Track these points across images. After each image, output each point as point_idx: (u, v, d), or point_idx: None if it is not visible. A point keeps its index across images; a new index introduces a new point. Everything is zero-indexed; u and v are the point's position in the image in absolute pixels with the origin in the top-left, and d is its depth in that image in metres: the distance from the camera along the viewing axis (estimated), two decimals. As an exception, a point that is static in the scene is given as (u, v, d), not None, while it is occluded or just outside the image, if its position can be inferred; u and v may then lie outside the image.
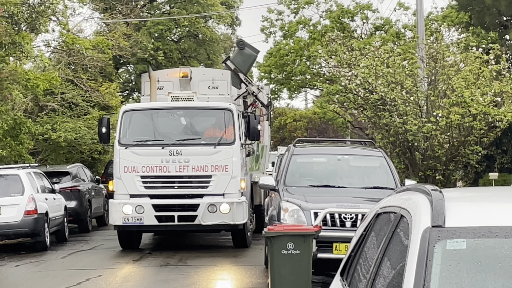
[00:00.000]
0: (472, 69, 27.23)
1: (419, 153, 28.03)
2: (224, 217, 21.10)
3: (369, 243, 5.90)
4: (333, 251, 15.58)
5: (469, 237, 4.41)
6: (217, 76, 25.13)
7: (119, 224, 21.63)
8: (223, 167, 21.27)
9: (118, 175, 21.70)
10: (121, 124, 21.88)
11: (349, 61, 29.23)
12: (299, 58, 43.49)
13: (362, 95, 28.50)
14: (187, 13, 47.77)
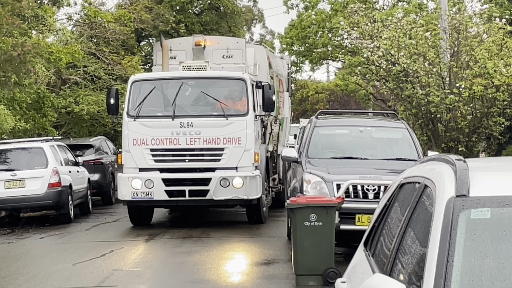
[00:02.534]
0: (495, 40, 27.12)
1: (442, 124, 27.95)
2: (237, 192, 20.08)
3: (392, 213, 5.90)
4: (355, 223, 15.59)
5: (493, 206, 4.41)
6: (232, 44, 23.59)
7: (128, 199, 20.63)
8: (236, 140, 20.17)
9: (126, 148, 20.73)
10: (130, 95, 20.96)
11: (371, 33, 29.10)
12: (321, 30, 43.43)
13: (385, 66, 28.41)
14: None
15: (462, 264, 4.12)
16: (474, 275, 4.09)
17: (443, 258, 4.13)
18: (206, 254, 17.35)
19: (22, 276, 15.73)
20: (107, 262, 17.01)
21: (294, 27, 45.03)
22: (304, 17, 44.64)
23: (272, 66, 25.59)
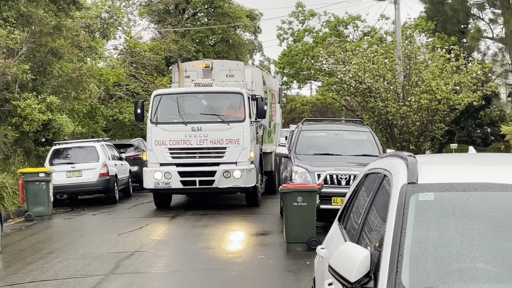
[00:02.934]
0: (437, 65, 27.19)
1: (397, 129, 28.06)
2: (236, 181, 19.91)
3: (360, 196, 5.90)
4: (332, 203, 15.54)
5: (436, 191, 4.41)
6: (233, 66, 23.06)
7: (151, 187, 20.47)
8: (236, 140, 19.97)
9: (150, 147, 20.62)
10: (152, 106, 20.75)
11: (343, 60, 29.16)
12: (305, 57, 43.37)
13: (354, 85, 28.48)
14: (221, 24, 47.60)
15: (413, 235, 4.12)
16: (421, 242, 4.09)
17: (398, 230, 4.13)
18: (218, 227, 17.37)
19: (80, 243, 15.75)
20: (143, 233, 17.03)
21: (285, 55, 44.97)
22: (292, 47, 44.55)
23: (266, 83, 25.23)
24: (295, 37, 44.40)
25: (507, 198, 4.30)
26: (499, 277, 3.83)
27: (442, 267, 3.94)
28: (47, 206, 20.36)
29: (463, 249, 4.03)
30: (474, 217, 4.21)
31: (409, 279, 3.84)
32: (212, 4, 48.34)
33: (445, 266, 3.95)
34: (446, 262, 3.97)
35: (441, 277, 3.87)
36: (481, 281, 3.82)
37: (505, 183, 4.38)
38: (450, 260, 3.98)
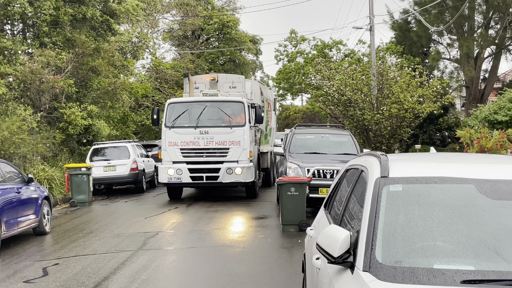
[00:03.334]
0: (404, 80, 27.06)
1: (372, 133, 27.94)
2: (238, 177, 19.17)
3: (342, 187, 5.89)
4: (319, 193, 15.53)
5: (403, 183, 4.41)
6: (235, 79, 22.32)
7: (165, 182, 19.77)
8: (237, 142, 19.21)
9: (164, 147, 19.75)
10: (166, 112, 19.93)
11: (328, 76, 29.10)
12: (297, 74, 43.30)
13: (337, 97, 28.37)
14: (229, 47, 47.57)
15: (385, 219, 4.11)
16: (391, 225, 4.08)
17: (373, 215, 4.13)
18: (226, 213, 17.35)
19: (114, 225, 15.72)
20: (165, 217, 16.99)
21: (281, 72, 44.86)
22: (287, 66, 44.44)
23: (263, 93, 24.41)
24: (289, 57, 44.32)
25: (460, 189, 4.30)
26: (454, 253, 3.83)
27: (408, 245, 3.93)
28: (87, 195, 20.36)
29: (425, 230, 4.03)
30: (434, 205, 4.21)
31: (381, 254, 3.84)
32: (222, 31, 48.24)
33: (410, 244, 3.95)
34: (411, 241, 3.97)
35: (407, 253, 3.87)
36: (440, 256, 3.82)
37: (459, 177, 4.38)
38: (415, 240, 3.98)
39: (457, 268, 3.65)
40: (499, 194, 4.17)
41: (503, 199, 4.14)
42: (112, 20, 24.75)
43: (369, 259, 3.80)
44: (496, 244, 3.82)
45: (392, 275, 3.64)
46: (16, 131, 19.74)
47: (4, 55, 22.23)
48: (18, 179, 13.82)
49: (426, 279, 3.56)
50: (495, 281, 3.50)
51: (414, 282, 3.56)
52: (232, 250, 11.99)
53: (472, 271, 3.61)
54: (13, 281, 9.83)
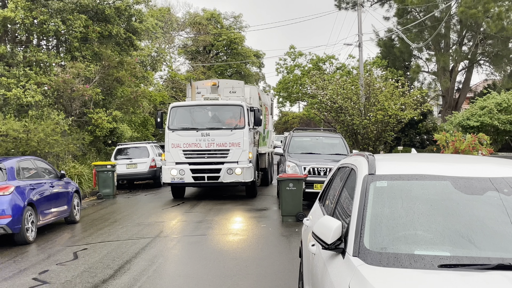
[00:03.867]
0: (389, 90, 27.01)
1: (360, 136, 27.87)
2: (238, 177, 17.77)
3: (334, 183, 5.87)
4: (314, 188, 15.50)
5: (388, 180, 4.40)
6: (235, 84, 20.72)
7: (169, 182, 18.19)
8: (237, 144, 17.80)
9: (167, 149, 18.17)
10: (169, 116, 18.44)
11: (322, 86, 29.05)
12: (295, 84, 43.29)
13: (329, 104, 28.34)
14: (235, 61, 47.59)
15: (372, 211, 4.11)
16: (378, 216, 4.08)
17: (362, 207, 4.12)
18: (232, 205, 17.29)
19: (135, 215, 15.71)
20: (180, 209, 16.97)
21: (281, 83, 44.86)
22: (286, 77, 44.45)
23: (261, 98, 22.74)
24: (288, 70, 44.34)
25: (438, 185, 4.29)
26: (432, 241, 3.83)
27: (392, 234, 3.93)
28: (112, 189, 20.37)
29: (407, 221, 4.03)
30: (415, 199, 4.20)
31: (369, 242, 3.84)
32: (229, 47, 48.26)
33: (394, 233, 3.94)
34: (395, 230, 3.96)
35: (391, 241, 3.87)
36: (420, 243, 3.82)
37: (437, 175, 4.37)
38: (398, 229, 3.97)
39: (435, 254, 3.65)
40: (471, 190, 4.17)
41: (475, 194, 4.14)
42: (134, 37, 24.74)
43: (358, 246, 3.80)
44: (469, 233, 3.82)
45: (378, 259, 3.64)
46: (51, 133, 19.75)
47: (40, 67, 22.25)
48: (52, 175, 13.82)
49: (408, 263, 3.57)
50: (468, 265, 3.50)
51: (397, 266, 3.56)
52: (237, 238, 11.98)
53: (448, 257, 3.61)
54: (47, 263, 9.84)
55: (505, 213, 3.97)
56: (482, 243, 3.73)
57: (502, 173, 4.37)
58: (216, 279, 8.48)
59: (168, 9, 43.02)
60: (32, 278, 8.83)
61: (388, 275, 3.45)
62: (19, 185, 11.67)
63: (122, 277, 8.74)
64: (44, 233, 12.95)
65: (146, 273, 8.88)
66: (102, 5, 22.38)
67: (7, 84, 20.03)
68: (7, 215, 11.12)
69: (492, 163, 4.86)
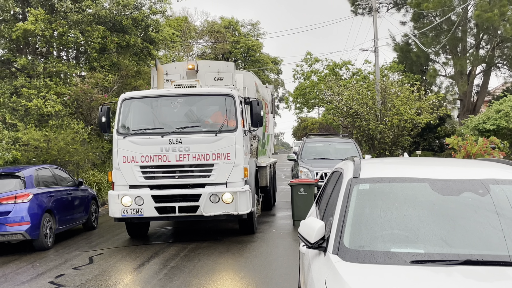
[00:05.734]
0: (404, 95, 27.15)
1: (376, 141, 28.01)
2: (227, 207, 11.69)
3: (327, 186, 6.12)
4: (326, 193, 15.69)
5: (370, 182, 4.63)
6: (222, 68, 14.42)
7: (118, 216, 11.91)
8: (225, 155, 11.76)
9: (116, 165, 11.95)
10: (120, 113, 12.25)
11: (338, 92, 29.27)
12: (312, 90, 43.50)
13: (345, 110, 28.54)
14: (253, 67, 47.97)
15: (354, 212, 4.35)
16: (358, 217, 4.32)
17: (344, 209, 4.37)
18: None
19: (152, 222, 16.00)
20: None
21: (298, 89, 45.08)
22: (303, 83, 44.73)
23: (259, 91, 16.84)
24: (305, 76, 44.56)
25: (417, 187, 4.52)
26: (408, 239, 4.07)
27: (371, 233, 4.18)
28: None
29: (385, 221, 4.27)
30: (394, 200, 4.44)
31: (349, 241, 4.09)
32: (247, 54, 48.71)
33: (373, 233, 4.19)
34: (373, 230, 4.21)
35: (370, 240, 4.11)
36: (396, 242, 4.06)
37: (416, 177, 4.61)
38: (376, 229, 4.22)
39: (409, 251, 3.89)
40: (448, 191, 4.40)
41: (451, 195, 4.37)
42: (151, 46, 25.19)
43: (338, 244, 4.05)
44: (442, 232, 4.05)
45: (355, 256, 3.89)
46: (70, 142, 20.23)
47: (60, 77, 22.80)
48: (70, 183, 14.25)
49: (383, 260, 3.81)
50: (438, 261, 3.74)
51: (372, 262, 3.81)
52: (251, 239, 12.18)
53: (421, 253, 3.86)
54: (64, 267, 10.22)
55: (478, 212, 4.20)
56: (454, 240, 3.97)
57: (479, 175, 4.59)
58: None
59: (185, 18, 43.55)
60: (49, 281, 9.20)
61: (361, 270, 3.71)
62: (38, 193, 12.10)
63: (134, 279, 9.06)
64: (63, 239, 13.36)
65: (157, 276, 9.19)
66: (119, 16, 22.85)
67: (28, 94, 20.58)
68: (26, 222, 11.54)
69: (471, 166, 5.08)
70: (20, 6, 22.24)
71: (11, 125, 20.51)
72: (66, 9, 21.01)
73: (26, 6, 21.95)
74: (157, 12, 24.81)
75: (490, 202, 4.25)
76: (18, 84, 20.76)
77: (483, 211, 4.21)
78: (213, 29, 47.14)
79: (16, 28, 20.28)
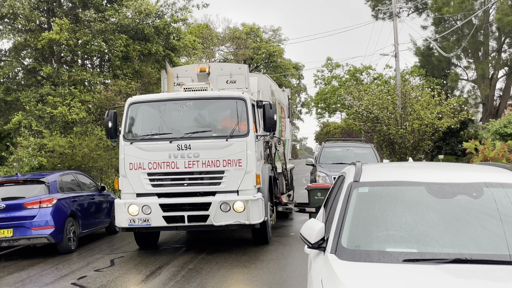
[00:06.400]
0: (425, 100, 27.22)
1: (397, 145, 28.08)
2: (238, 216, 11.12)
3: (333, 190, 6.34)
4: (343, 197, 15.81)
5: (370, 186, 4.85)
6: (235, 70, 13.74)
7: (125, 226, 11.36)
8: (237, 162, 11.22)
9: (123, 172, 11.45)
10: (127, 118, 11.73)
11: (358, 97, 29.41)
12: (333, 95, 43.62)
13: (365, 115, 28.66)
14: (275, 73, 48.24)
15: (353, 214, 4.57)
16: (357, 218, 4.54)
17: (343, 211, 4.59)
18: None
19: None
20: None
21: (319, 94, 45.24)
22: (324, 89, 44.84)
23: (275, 94, 15.99)
24: (326, 81, 44.70)
25: (414, 190, 4.74)
26: (402, 239, 4.29)
27: (367, 234, 4.41)
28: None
29: (382, 222, 4.49)
30: (391, 202, 4.66)
31: (347, 241, 4.31)
32: (269, 60, 48.99)
33: (370, 233, 4.41)
34: (370, 231, 4.44)
35: (366, 240, 4.34)
36: (391, 242, 4.28)
37: (413, 181, 4.82)
38: (373, 230, 4.44)
39: (403, 250, 4.12)
40: (442, 194, 4.60)
41: (445, 198, 4.58)
42: (173, 54, 25.61)
43: (336, 244, 4.29)
44: (434, 233, 4.27)
45: (351, 255, 4.12)
46: (94, 148, 20.71)
47: (84, 85, 23.33)
48: (93, 188, 14.66)
49: (377, 259, 4.04)
50: (429, 260, 3.95)
51: (367, 260, 4.04)
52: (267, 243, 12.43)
53: (414, 253, 4.08)
54: (86, 270, 10.59)
55: (470, 214, 4.41)
56: (445, 241, 4.18)
57: (474, 178, 4.79)
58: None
59: (206, 25, 44.02)
60: (71, 283, 9.57)
61: (355, 268, 3.94)
62: (61, 198, 12.52)
63: (153, 281, 9.38)
64: (86, 242, 13.76)
65: (174, 278, 9.50)
66: (141, 25, 23.32)
67: (54, 102, 21.12)
68: (50, 226, 11.96)
69: (468, 170, 5.28)
70: (45, 16, 22.85)
71: (37, 132, 21.08)
72: (89, 18, 21.54)
73: (51, 16, 22.55)
74: (178, 20, 25.25)
75: (482, 205, 4.46)
76: (43, 92, 21.32)
77: (475, 212, 4.42)
78: (234, 36, 47.58)
79: (42, 38, 20.85)
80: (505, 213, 4.37)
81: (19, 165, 20.36)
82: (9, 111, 22.20)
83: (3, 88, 21.61)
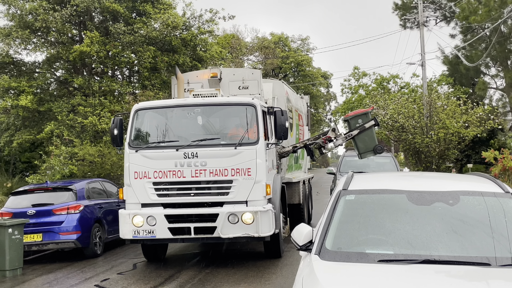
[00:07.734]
0: (450, 109, 27.26)
1: (423, 154, 28.14)
2: (247, 229, 10.53)
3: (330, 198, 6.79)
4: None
5: (356, 194, 5.29)
6: (247, 75, 13.23)
7: (129, 237, 10.88)
8: (245, 171, 10.65)
9: (128, 181, 10.97)
10: (132, 125, 11.26)
11: (383, 106, 29.60)
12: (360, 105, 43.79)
13: (390, 123, 28.84)
14: (303, 82, 48.64)
15: (339, 219, 5.01)
16: (342, 224, 4.97)
17: (329, 217, 5.03)
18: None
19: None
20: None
21: (345, 103, 45.44)
22: (351, 98, 45.03)
23: (291, 101, 15.47)
24: (352, 90, 44.88)
25: (395, 198, 5.16)
26: (380, 242, 4.72)
27: (352, 238, 4.84)
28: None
29: (366, 227, 4.93)
30: (375, 209, 5.09)
31: (331, 244, 4.75)
32: (297, 69, 49.44)
33: (354, 238, 4.85)
34: (354, 235, 4.88)
35: (348, 243, 4.78)
36: (371, 245, 4.72)
37: (396, 189, 5.24)
38: (357, 234, 4.88)
39: (379, 252, 4.55)
40: (421, 201, 5.01)
41: (423, 205, 4.98)
42: (199, 65, 26.26)
43: (320, 246, 4.73)
44: (409, 236, 4.68)
45: (332, 256, 4.56)
46: (123, 157, 21.43)
47: (114, 96, 24.14)
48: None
49: (355, 259, 4.48)
50: (401, 261, 4.37)
51: (345, 261, 4.48)
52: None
53: (389, 254, 4.50)
54: (109, 273, 11.19)
55: (444, 219, 4.81)
56: (419, 244, 4.59)
57: (453, 187, 5.20)
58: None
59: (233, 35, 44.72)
60: (94, 285, 10.18)
61: (333, 267, 4.39)
62: (88, 204, 13.18)
63: (170, 284, 9.91)
64: (112, 247, 14.39)
65: (191, 281, 10.01)
66: (169, 37, 24.04)
67: (84, 112, 21.94)
68: (77, 231, 12.62)
69: (450, 179, 5.69)
70: (77, 29, 23.78)
71: (69, 141, 21.92)
72: (119, 31, 22.34)
73: (82, 30, 23.46)
74: (205, 32, 25.92)
75: (457, 211, 4.86)
76: (75, 103, 22.16)
77: (449, 218, 4.82)
78: (263, 45, 48.20)
79: (73, 50, 21.71)
80: (476, 219, 4.77)
81: (51, 173, 21.21)
82: (42, 121, 23.10)
83: (36, 99, 22.53)
